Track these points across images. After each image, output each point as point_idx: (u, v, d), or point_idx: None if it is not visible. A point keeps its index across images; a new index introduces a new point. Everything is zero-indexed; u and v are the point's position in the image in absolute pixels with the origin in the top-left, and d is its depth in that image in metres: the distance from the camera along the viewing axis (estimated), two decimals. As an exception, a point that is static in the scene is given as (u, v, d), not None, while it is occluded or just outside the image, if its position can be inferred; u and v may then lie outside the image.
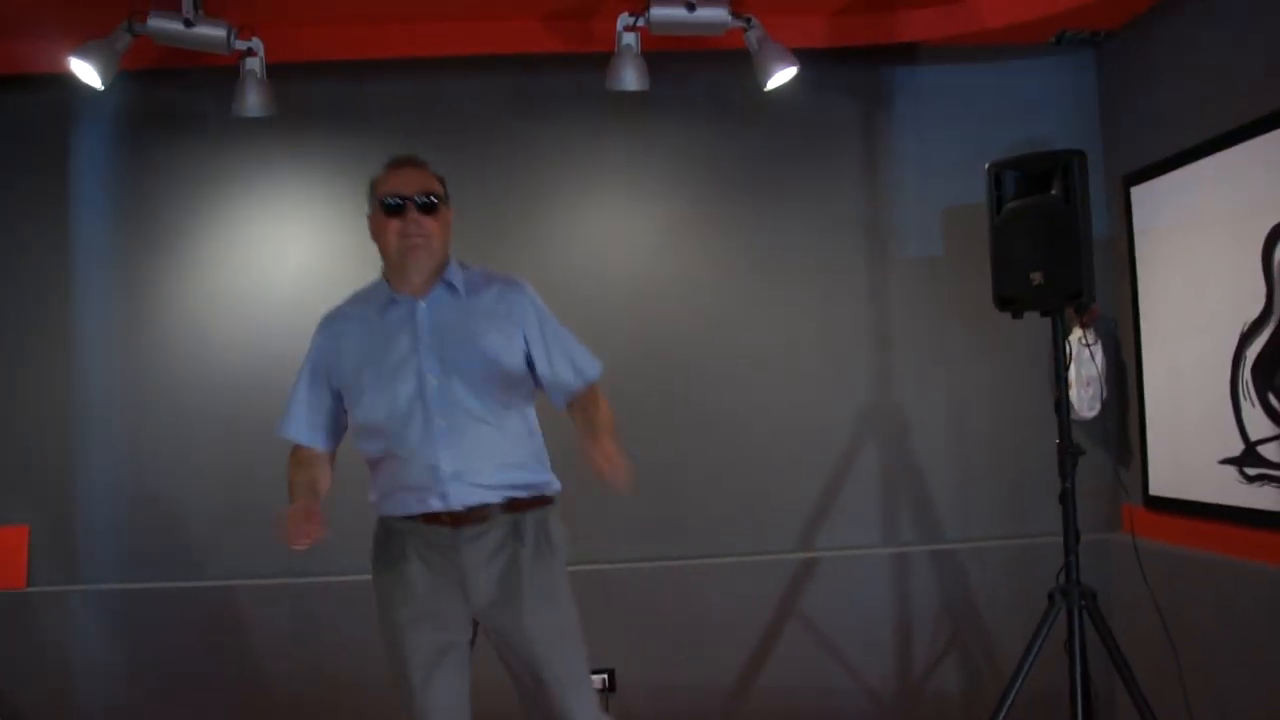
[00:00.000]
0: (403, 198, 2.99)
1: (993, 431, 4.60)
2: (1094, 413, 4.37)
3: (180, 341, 4.46)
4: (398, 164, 3.09)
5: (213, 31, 3.87)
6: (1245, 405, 3.76)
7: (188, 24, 3.83)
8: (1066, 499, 3.58)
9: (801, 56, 4.13)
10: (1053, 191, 3.48)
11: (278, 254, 4.50)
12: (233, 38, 3.90)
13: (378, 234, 3.05)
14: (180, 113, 4.49)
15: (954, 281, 4.50)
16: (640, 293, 4.52)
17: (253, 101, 3.98)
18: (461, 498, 2.95)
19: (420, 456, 2.96)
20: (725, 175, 4.57)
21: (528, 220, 4.53)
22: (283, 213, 4.51)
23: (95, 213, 4.48)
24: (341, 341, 3.09)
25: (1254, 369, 3.71)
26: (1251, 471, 3.75)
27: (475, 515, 2.96)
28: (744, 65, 4.11)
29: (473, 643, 3.07)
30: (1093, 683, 3.60)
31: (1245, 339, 3.74)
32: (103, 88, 3.91)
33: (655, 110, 4.43)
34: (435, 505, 2.96)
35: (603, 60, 4.06)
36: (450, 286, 3.06)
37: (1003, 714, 3.56)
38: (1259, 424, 3.70)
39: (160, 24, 3.84)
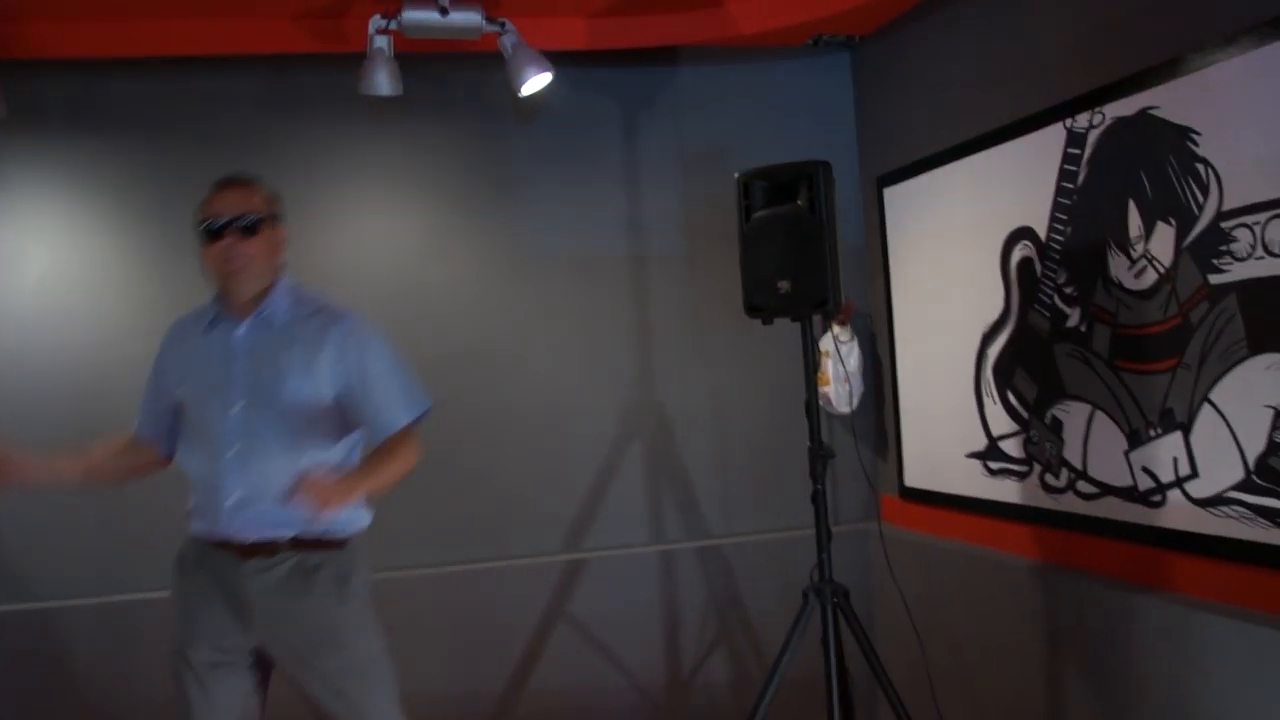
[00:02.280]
0: (220, 220, 2.92)
1: (753, 427, 4.68)
2: (850, 409, 4.49)
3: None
4: (218, 185, 3.03)
5: (-69, 27, 3.64)
6: (988, 402, 3.92)
7: (-100, 18, 3.59)
8: (818, 500, 3.65)
9: (560, 58, 4.12)
10: (799, 201, 3.53)
11: (15, 262, 4.22)
12: (-45, 33, 3.67)
13: (203, 259, 2.99)
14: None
15: (713, 282, 4.55)
16: (400, 296, 4.41)
17: (-22, 103, 3.76)
18: (243, 529, 2.90)
19: (209, 480, 2.92)
20: (486, 177, 4.51)
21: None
22: (17, 219, 4.22)
23: None
24: (172, 351, 3.11)
25: (995, 368, 3.87)
26: (994, 465, 3.91)
27: (262, 549, 2.90)
28: (503, 67, 4.06)
29: (261, 669, 3.03)
30: (850, 675, 3.70)
31: (987, 339, 3.90)
32: None
33: (413, 112, 4.35)
34: (220, 532, 2.91)
35: (357, 60, 3.95)
36: (264, 314, 2.99)
37: (762, 708, 3.62)
38: (1000, 420, 3.86)
39: None
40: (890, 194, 4.46)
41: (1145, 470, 3.21)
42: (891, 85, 4.51)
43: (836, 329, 4.43)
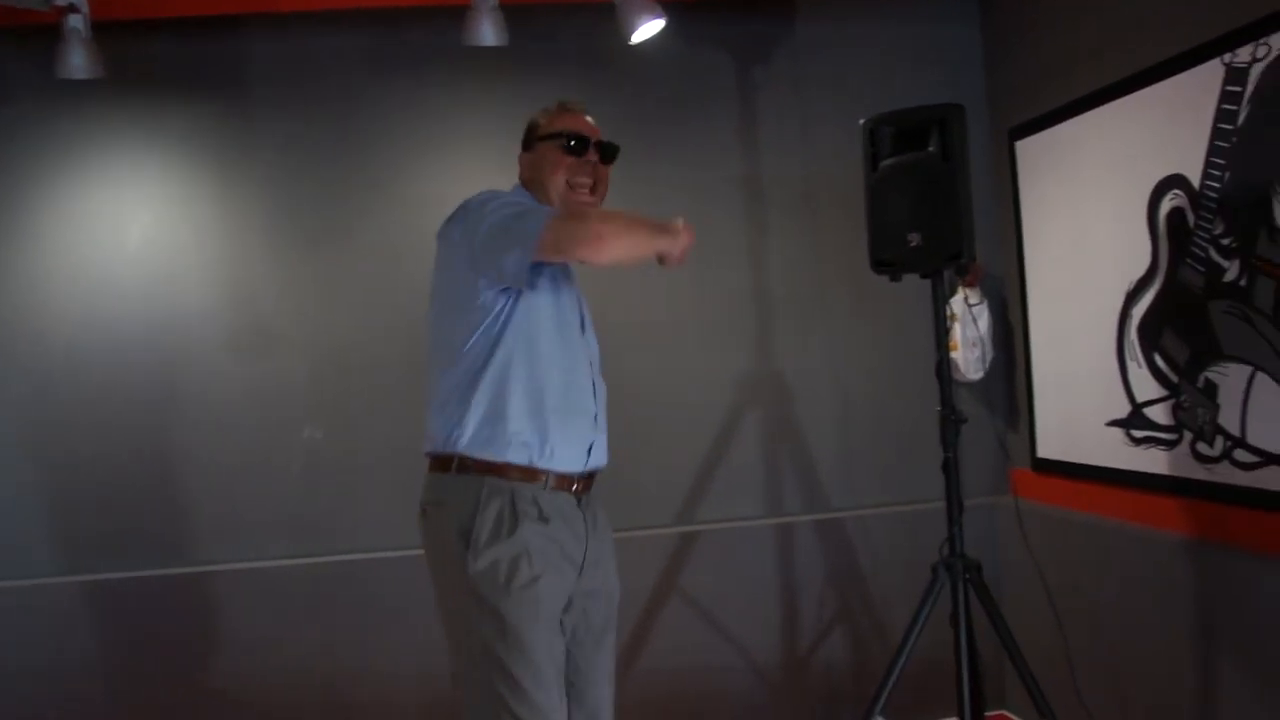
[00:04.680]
0: (587, 139, 2.85)
1: (877, 396, 4.47)
2: (980, 375, 4.25)
3: (16, 321, 4.11)
4: (572, 107, 2.94)
5: (27, -14, 3.55)
6: (1132, 366, 3.66)
7: (-1, -22, 3.52)
8: (948, 469, 3.44)
9: (673, 9, 3.93)
10: (930, 148, 3.31)
11: (118, 224, 4.16)
12: (51, -8, 3.58)
13: (542, 168, 2.85)
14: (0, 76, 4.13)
15: (834, 242, 4.35)
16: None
17: (77, 62, 3.64)
18: (600, 455, 2.87)
19: (587, 402, 2.84)
20: (597, 133, 4.36)
21: (389, 184, 4.27)
22: (121, 180, 4.16)
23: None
24: None
25: (1140, 329, 3.61)
26: (1138, 434, 3.65)
27: (592, 479, 2.86)
28: (613, 19, 3.88)
29: None
30: (980, 655, 3.49)
31: (1131, 298, 3.63)
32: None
33: (521, 66, 4.19)
34: (579, 462, 2.78)
35: (463, 13, 3.81)
36: None
37: (888, 689, 3.43)
38: (1145, 385, 3.60)
39: (-33, -22, 3.51)
40: (1022, 146, 4.20)
41: (1315, 436, 2.94)
42: (1024, 31, 4.25)
43: (965, 292, 4.19)
